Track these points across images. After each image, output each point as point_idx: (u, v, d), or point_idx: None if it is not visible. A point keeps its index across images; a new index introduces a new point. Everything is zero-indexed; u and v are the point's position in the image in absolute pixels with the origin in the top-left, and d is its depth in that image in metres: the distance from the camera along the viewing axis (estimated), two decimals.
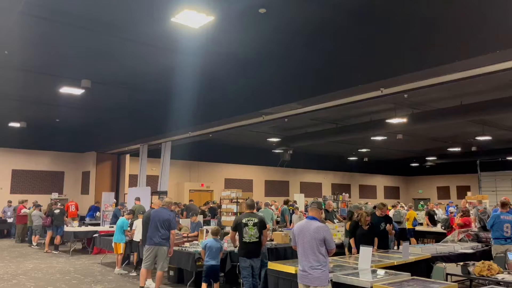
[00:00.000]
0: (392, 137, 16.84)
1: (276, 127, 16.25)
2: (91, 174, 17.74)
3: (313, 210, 4.92)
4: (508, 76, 8.22)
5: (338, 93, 8.49)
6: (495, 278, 5.48)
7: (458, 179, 27.91)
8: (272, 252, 8.15)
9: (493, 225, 7.91)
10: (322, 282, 4.59)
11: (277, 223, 14.83)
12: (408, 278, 4.98)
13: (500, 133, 16.88)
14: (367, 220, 7.24)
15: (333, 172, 27.60)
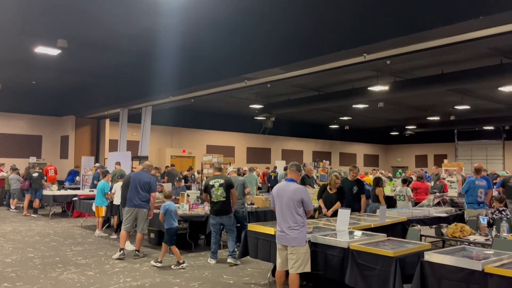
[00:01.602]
0: (374, 105, 16.96)
1: (258, 94, 16.15)
2: (70, 138, 17.45)
3: (292, 172, 4.97)
4: (487, 44, 8.26)
5: (322, 58, 8.42)
6: (467, 239, 5.70)
7: (435, 147, 28.52)
8: (253, 215, 8.30)
9: (467, 191, 8.16)
10: (300, 242, 4.69)
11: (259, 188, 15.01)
12: (384, 238, 5.14)
13: (478, 103, 17.19)
14: (337, 183, 7.35)
15: (314, 140, 27.83)
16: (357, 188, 7.74)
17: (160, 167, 16.34)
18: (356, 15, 7.44)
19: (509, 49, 10.29)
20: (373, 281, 4.37)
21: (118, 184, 8.90)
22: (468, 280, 3.69)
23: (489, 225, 6.65)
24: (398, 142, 30.87)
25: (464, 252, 4.28)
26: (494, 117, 21.35)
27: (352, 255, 4.59)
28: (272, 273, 5.47)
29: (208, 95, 12.73)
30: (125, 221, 7.33)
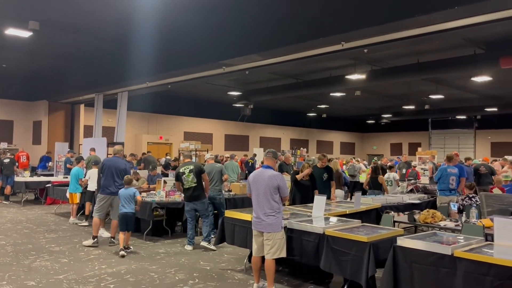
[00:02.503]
0: (351, 94, 17.12)
1: (236, 81, 16.07)
2: (43, 123, 17.00)
3: (268, 159, 5.00)
4: (461, 35, 8.42)
5: (300, 46, 8.43)
6: (438, 225, 5.87)
7: (410, 136, 29.09)
8: (230, 201, 8.32)
9: (440, 178, 8.37)
10: (275, 228, 4.74)
11: None
12: (358, 224, 5.23)
13: (452, 92, 17.56)
14: (309, 172, 7.46)
15: (292, 128, 27.96)
16: (327, 175, 7.91)
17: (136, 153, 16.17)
18: (335, 3, 7.45)
19: (482, 40, 10.52)
20: (347, 266, 4.47)
21: (93, 170, 8.75)
22: (438, 264, 3.80)
23: (459, 211, 6.87)
24: (374, 130, 31.34)
25: (435, 237, 4.40)
26: (466, 107, 21.89)
27: (327, 241, 4.67)
28: (249, 259, 5.52)
29: (185, 81, 12.59)
30: (98, 209, 7.21)
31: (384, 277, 4.14)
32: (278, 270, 5.51)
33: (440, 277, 3.78)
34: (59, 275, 5.45)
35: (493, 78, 13.79)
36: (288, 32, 8.25)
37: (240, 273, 5.71)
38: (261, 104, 20.65)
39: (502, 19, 6.51)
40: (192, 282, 5.30)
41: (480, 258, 3.60)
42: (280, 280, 5.33)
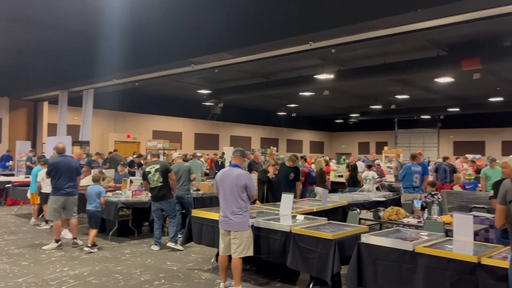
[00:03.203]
0: (320, 93, 17.29)
1: (206, 79, 15.95)
2: (4, 121, 16.33)
3: (236, 157, 4.98)
4: (425, 37, 8.66)
5: (269, 45, 8.43)
6: (401, 222, 6.02)
7: (377, 135, 29.73)
8: (199, 201, 8.25)
9: (404, 176, 8.60)
10: (242, 227, 4.73)
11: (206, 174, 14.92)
12: (324, 222, 5.29)
13: (417, 93, 18.05)
14: (276, 168, 7.51)
15: (262, 127, 28.04)
16: (294, 175, 7.99)
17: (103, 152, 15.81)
18: (303, 3, 7.50)
19: (445, 42, 10.86)
20: (314, 263, 4.51)
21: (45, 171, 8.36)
22: (401, 260, 3.89)
23: (422, 208, 7.06)
24: (342, 129, 31.84)
25: (398, 234, 4.51)
26: (430, 107, 22.55)
27: (293, 239, 4.70)
28: (216, 259, 5.48)
29: (153, 79, 12.37)
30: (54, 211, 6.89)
31: (348, 273, 4.20)
32: (245, 269, 5.50)
33: (402, 272, 3.87)
34: (18, 278, 5.25)
35: (455, 80, 14.25)
36: (257, 31, 8.24)
37: (207, 272, 5.67)
38: (231, 102, 20.58)
39: (463, 22, 6.71)
40: (158, 282, 5.22)
41: (439, 253, 3.71)
42: (247, 279, 5.33)
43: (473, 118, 23.82)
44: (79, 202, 7.21)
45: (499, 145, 24.18)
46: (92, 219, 6.83)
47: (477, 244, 4.15)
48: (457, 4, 5.97)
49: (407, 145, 27.20)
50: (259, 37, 8.28)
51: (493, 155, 18.85)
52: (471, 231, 4.21)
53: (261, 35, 8.22)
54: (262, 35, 8.22)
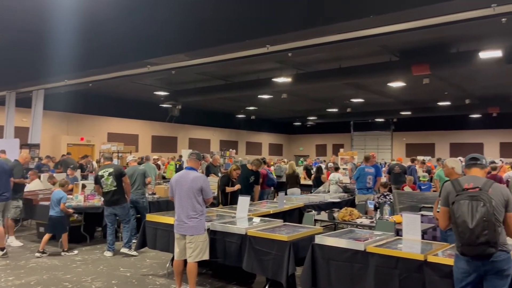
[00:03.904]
0: (278, 96, 17.47)
1: (163, 80, 15.70)
2: None
3: (192, 160, 4.93)
4: (377, 42, 8.95)
5: (226, 47, 8.41)
6: (355, 222, 6.17)
7: (334, 137, 30.38)
8: (154, 205, 8.08)
9: (358, 177, 8.82)
10: (198, 231, 4.68)
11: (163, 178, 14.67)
12: (280, 224, 5.33)
13: (371, 97, 18.60)
14: (238, 173, 7.51)
15: (221, 129, 27.93)
16: (254, 178, 8.03)
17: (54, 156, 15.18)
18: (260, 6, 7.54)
19: (396, 48, 11.26)
20: (269, 265, 4.53)
21: None
22: (353, 259, 3.98)
23: (375, 209, 7.27)
24: (300, 132, 32.31)
25: (351, 234, 4.61)
26: (384, 110, 23.30)
27: (249, 241, 4.70)
28: (172, 263, 5.40)
29: (108, 80, 12.00)
30: None
31: (303, 274, 4.25)
32: (201, 273, 5.45)
33: (354, 272, 3.96)
34: None
35: (407, 84, 14.81)
36: (214, 33, 8.20)
37: (162, 278, 5.56)
38: (189, 104, 20.37)
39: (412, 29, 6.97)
40: None
41: (389, 252, 3.83)
42: (203, 283, 5.27)
43: (424, 121, 24.86)
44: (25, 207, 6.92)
45: (448, 147, 25.37)
46: (55, 225, 6.66)
47: (424, 243, 4.32)
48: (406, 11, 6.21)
49: (362, 147, 27.98)
50: (216, 39, 8.24)
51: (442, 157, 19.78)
52: (418, 230, 4.37)
53: (218, 37, 8.19)
54: (219, 37, 8.18)
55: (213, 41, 8.31)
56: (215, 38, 8.25)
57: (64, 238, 6.74)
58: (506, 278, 3.04)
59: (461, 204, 3.02)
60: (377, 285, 3.78)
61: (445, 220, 3.28)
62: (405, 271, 3.68)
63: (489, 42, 9.22)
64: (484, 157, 3.48)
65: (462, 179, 3.27)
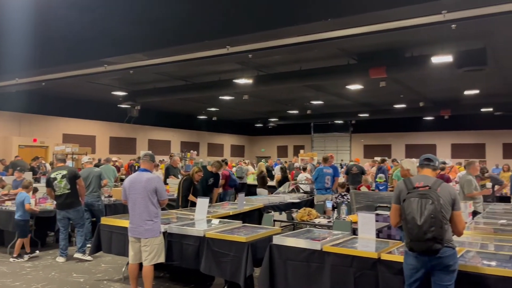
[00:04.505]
0: (239, 98, 17.47)
1: (121, 80, 15.31)
2: None
3: (145, 162, 4.85)
4: (336, 45, 9.14)
5: (185, 47, 8.31)
6: (313, 222, 6.25)
7: (295, 139, 30.75)
8: (111, 208, 7.86)
9: (317, 178, 8.96)
10: (153, 234, 4.58)
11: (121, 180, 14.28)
12: (239, 225, 5.32)
13: (330, 99, 18.97)
14: (200, 176, 7.43)
15: (182, 130, 27.59)
16: (213, 180, 8.00)
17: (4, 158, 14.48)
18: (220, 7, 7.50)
19: (354, 51, 11.54)
20: (227, 267, 4.50)
21: None
22: (309, 259, 4.02)
23: (333, 209, 7.39)
24: (262, 133, 32.47)
25: (308, 234, 4.66)
26: (343, 112, 23.83)
27: (207, 243, 4.65)
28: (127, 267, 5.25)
29: (62, 79, 11.57)
30: None
31: (260, 275, 4.25)
32: (158, 277, 5.34)
33: (311, 271, 4.00)
34: None
35: (364, 87, 15.22)
36: (173, 33, 8.09)
37: (118, 283, 5.40)
38: (149, 105, 19.99)
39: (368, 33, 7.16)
40: None
41: (344, 251, 3.89)
42: (160, 287, 5.17)
43: (381, 123, 25.60)
44: None
45: (403, 148, 26.26)
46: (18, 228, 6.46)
47: (379, 241, 4.43)
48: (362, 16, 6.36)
49: (322, 148, 28.46)
50: (175, 39, 8.12)
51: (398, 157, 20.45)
52: (373, 229, 4.48)
53: (177, 37, 8.07)
54: (178, 37, 8.07)
55: (172, 40, 8.18)
56: (174, 37, 8.13)
57: (26, 242, 6.53)
58: (452, 273, 3.18)
59: (411, 202, 3.15)
60: (333, 283, 3.84)
61: (396, 217, 3.41)
62: (360, 269, 3.76)
63: (440, 48, 9.62)
64: (437, 159, 3.62)
65: (414, 178, 3.40)
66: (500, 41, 9.71)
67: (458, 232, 3.32)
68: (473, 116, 21.65)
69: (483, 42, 9.52)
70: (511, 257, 3.64)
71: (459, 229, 3.29)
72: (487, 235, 4.74)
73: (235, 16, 7.39)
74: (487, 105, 18.82)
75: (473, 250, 3.99)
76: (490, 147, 23.92)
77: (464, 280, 3.32)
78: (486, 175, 9.79)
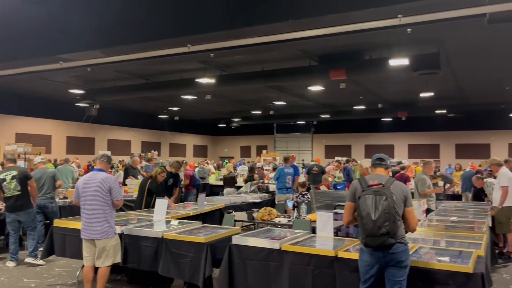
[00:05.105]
0: (202, 97, 17.33)
1: (79, 78, 14.82)
2: None
3: (101, 163, 4.74)
4: (297, 46, 9.24)
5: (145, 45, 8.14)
6: (273, 221, 6.29)
7: (258, 139, 30.87)
8: (66, 210, 7.58)
9: (278, 178, 9.01)
10: (107, 234, 4.47)
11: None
12: (199, 226, 5.26)
13: (292, 100, 19.17)
14: (163, 177, 7.29)
15: (143, 130, 27.06)
16: (173, 181, 7.93)
17: None
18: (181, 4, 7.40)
19: (315, 53, 11.71)
20: (186, 268, 4.43)
21: None
22: (269, 258, 4.03)
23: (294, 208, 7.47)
24: (225, 133, 32.38)
25: (268, 234, 4.67)
26: (305, 113, 24.15)
27: (166, 245, 4.57)
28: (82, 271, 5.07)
29: (14, 76, 11.06)
30: None
31: (220, 276, 4.22)
32: (115, 280, 5.21)
33: (270, 270, 4.01)
34: None
35: (325, 88, 15.48)
36: (133, 30, 7.90)
37: (72, 287, 5.21)
38: (108, 104, 19.45)
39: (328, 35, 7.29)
40: None
41: (302, 250, 3.93)
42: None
43: (341, 124, 26.15)
44: None
45: (363, 148, 26.94)
46: None
47: (336, 239, 4.51)
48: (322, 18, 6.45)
49: (284, 148, 28.73)
50: (135, 36, 7.93)
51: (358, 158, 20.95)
52: (331, 227, 4.55)
53: (137, 35, 7.89)
54: (138, 35, 7.89)
55: (131, 38, 7.99)
56: (133, 35, 7.94)
57: None
58: (404, 268, 3.29)
59: (366, 198, 3.26)
60: (292, 282, 3.87)
61: (349, 215, 3.51)
62: (318, 268, 3.80)
63: (397, 51, 9.93)
64: (389, 158, 3.72)
65: (368, 177, 3.51)
66: (452, 45, 10.16)
67: (411, 228, 3.43)
68: (428, 118, 22.51)
69: (437, 47, 9.92)
70: (461, 253, 3.80)
71: (413, 225, 3.41)
72: (439, 232, 4.92)
73: (196, 14, 7.32)
74: (441, 107, 19.63)
75: (425, 246, 4.13)
76: (444, 147, 24.98)
77: (416, 276, 3.43)
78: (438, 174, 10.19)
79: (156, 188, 6.96)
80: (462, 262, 3.46)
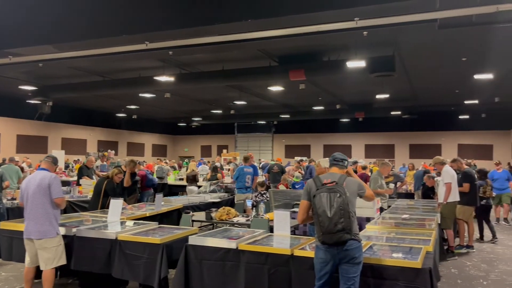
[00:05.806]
0: (161, 96, 17.04)
1: (30, 73, 14.18)
2: None
3: (46, 163, 4.66)
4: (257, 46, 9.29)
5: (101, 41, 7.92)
6: (232, 221, 6.27)
7: (219, 139, 30.74)
8: (14, 211, 7.21)
9: (237, 177, 9.01)
10: (48, 234, 4.33)
11: None
12: (155, 226, 5.15)
13: (253, 99, 19.23)
14: (120, 177, 7.09)
15: (100, 129, 26.27)
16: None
17: None
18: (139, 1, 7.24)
19: (275, 53, 11.79)
20: (140, 270, 4.33)
21: None
22: (225, 258, 4.01)
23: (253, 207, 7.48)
24: (185, 133, 32.01)
25: (225, 233, 4.65)
26: (265, 113, 24.31)
27: (119, 246, 4.45)
28: None
29: None
30: None
31: (175, 277, 4.16)
32: (66, 284, 5.02)
33: (226, 270, 4.00)
34: None
35: (285, 89, 15.64)
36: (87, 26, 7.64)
37: None
38: (63, 101, 18.75)
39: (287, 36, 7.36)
40: None
41: (259, 249, 3.94)
42: None
43: (301, 124, 26.53)
44: None
45: (322, 148, 27.44)
46: None
47: (293, 238, 4.55)
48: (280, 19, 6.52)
49: (245, 148, 28.80)
50: (89, 31, 7.68)
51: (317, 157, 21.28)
52: (288, 226, 4.59)
53: (92, 30, 7.65)
54: (93, 30, 7.64)
55: (86, 33, 7.73)
56: (88, 30, 7.69)
57: None
58: (357, 265, 3.37)
59: (321, 196, 3.34)
60: (248, 281, 3.86)
61: (303, 214, 3.58)
62: (274, 266, 3.82)
63: (354, 53, 10.18)
64: (346, 159, 3.79)
65: (322, 176, 3.58)
66: (406, 49, 10.53)
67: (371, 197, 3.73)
68: (384, 119, 23.24)
69: (392, 50, 10.25)
70: (411, 249, 3.94)
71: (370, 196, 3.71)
72: (392, 229, 5.08)
73: (154, 11, 7.18)
74: (396, 109, 20.33)
75: (378, 243, 4.25)
76: (399, 147, 25.88)
77: (368, 272, 3.52)
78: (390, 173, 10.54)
79: (113, 189, 6.75)
80: (412, 258, 3.59)
